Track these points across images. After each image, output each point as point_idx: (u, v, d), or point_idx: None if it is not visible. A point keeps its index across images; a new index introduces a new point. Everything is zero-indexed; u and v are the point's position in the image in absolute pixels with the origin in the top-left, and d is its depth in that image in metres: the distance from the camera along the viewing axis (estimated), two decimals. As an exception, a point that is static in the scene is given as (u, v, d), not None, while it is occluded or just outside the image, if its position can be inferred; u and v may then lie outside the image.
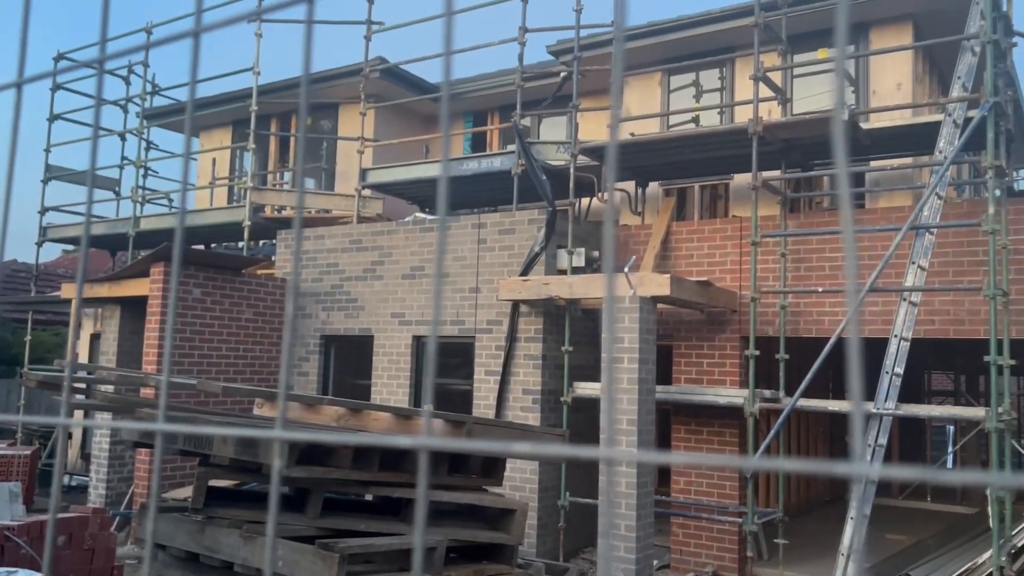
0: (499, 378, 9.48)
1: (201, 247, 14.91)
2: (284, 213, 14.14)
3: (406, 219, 11.09)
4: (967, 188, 11.32)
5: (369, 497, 5.02)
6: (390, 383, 10.43)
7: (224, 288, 10.69)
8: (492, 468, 4.91)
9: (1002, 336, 7.38)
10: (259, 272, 11.99)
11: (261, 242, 15.16)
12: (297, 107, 15.17)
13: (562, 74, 11.58)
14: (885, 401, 7.79)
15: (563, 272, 9.53)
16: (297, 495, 4.48)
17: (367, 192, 12.53)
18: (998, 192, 7.54)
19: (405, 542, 4.12)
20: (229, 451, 3.87)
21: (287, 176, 15.77)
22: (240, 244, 13.52)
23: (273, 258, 12.36)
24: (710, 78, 11.97)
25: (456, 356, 10.31)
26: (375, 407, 4.89)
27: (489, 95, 13.77)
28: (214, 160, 16.31)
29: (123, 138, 15.02)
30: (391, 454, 4.25)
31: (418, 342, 10.39)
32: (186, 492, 6.17)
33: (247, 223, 12.90)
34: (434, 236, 10.32)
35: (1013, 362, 7.38)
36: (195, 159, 16.76)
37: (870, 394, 8.44)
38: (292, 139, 15.49)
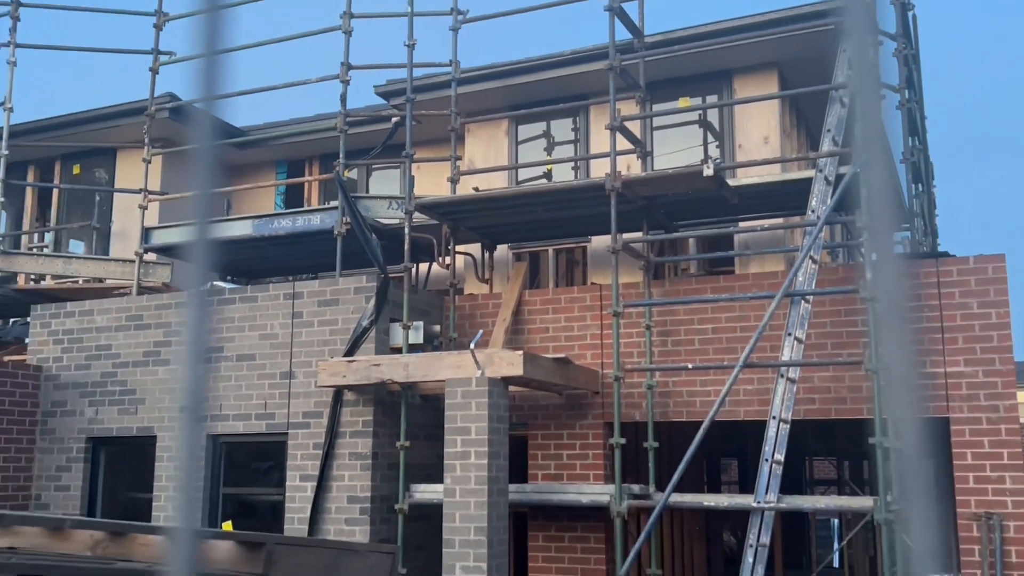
0: (316, 484, 9.04)
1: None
2: (43, 284, 13.20)
3: (201, 288, 10.56)
4: (842, 252, 12.12)
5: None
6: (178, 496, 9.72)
7: (-44, 380, 9.71)
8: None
9: (887, 414, 7.77)
10: (6, 359, 11.06)
11: (12, 321, 14.06)
12: (63, 152, 14.33)
13: (394, 119, 11.57)
14: (766, 493, 7.99)
15: (398, 350, 9.32)
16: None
17: (151, 256, 11.90)
18: (875, 255, 8.05)
19: None
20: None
21: (48, 238, 14.75)
22: (-17, 323, 12.43)
23: (26, 341, 11.40)
24: (563, 128, 12.33)
25: (265, 458, 9.81)
26: (144, 528, 4.43)
27: (307, 142, 13.56)
28: (-50, 217, 15.07)
29: None
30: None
31: (215, 442, 9.79)
32: None
33: (-8, 296, 11.91)
34: (236, 309, 9.86)
35: (900, 444, 7.77)
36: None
37: (749, 485, 8.65)
38: (56, 191, 14.56)
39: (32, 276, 13.46)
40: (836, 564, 15.29)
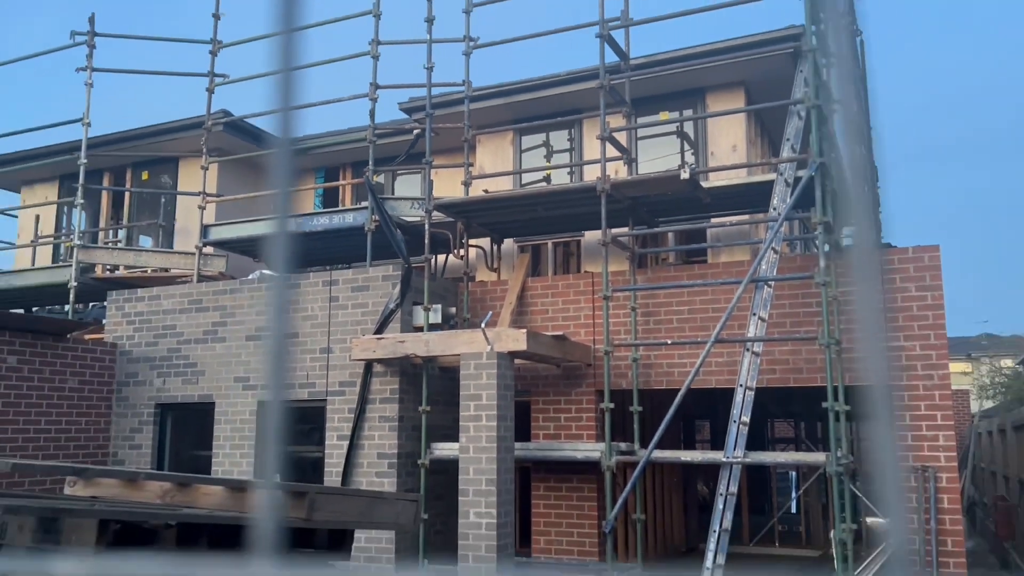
0: (350, 443, 9.05)
1: (20, 311, 13.59)
2: (117, 273, 13.19)
3: (250, 276, 10.54)
4: (799, 244, 12.06)
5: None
6: (233, 453, 9.74)
7: (45, 355, 9.72)
8: (340, 541, 4.55)
9: (837, 383, 7.75)
10: (87, 337, 11.04)
11: (91, 304, 14.06)
12: (133, 161, 14.30)
13: (415, 131, 11.52)
14: (734, 449, 7.98)
15: (420, 329, 9.31)
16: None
17: (208, 249, 11.88)
18: (827, 247, 8.01)
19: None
20: (26, 539, 3.30)
21: (121, 234, 14.74)
22: (66, 307, 12.43)
23: (104, 321, 11.41)
24: (559, 139, 12.26)
25: (307, 421, 9.81)
26: (206, 480, 4.44)
27: (341, 151, 13.52)
28: (37, 217, 15.07)
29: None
30: (223, 532, 3.81)
31: (264, 408, 9.79)
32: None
33: (73, 284, 11.90)
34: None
35: (848, 408, 7.75)
36: (15, 215, 15.47)
37: (720, 443, 8.63)
38: (127, 194, 14.54)
39: (108, 266, 13.46)
40: (794, 510, 15.28)
